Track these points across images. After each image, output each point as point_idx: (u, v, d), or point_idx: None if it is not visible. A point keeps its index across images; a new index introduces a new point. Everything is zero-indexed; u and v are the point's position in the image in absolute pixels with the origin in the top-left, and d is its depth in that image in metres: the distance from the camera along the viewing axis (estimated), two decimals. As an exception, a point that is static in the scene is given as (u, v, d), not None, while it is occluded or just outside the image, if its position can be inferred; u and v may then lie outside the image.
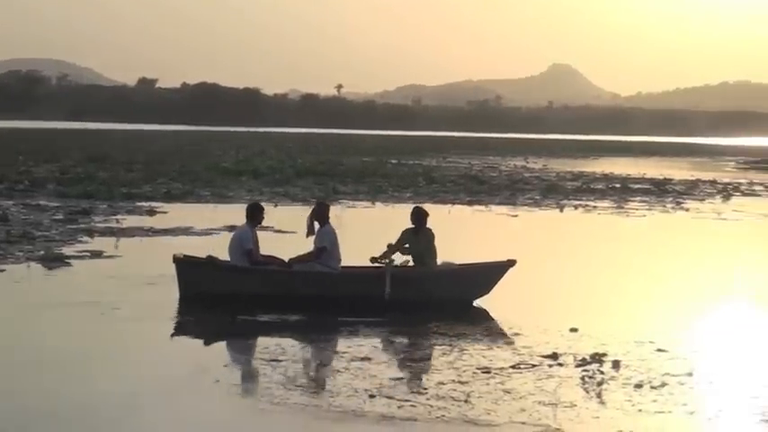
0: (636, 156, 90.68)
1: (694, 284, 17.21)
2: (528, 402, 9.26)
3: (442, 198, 34.55)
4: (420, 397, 9.36)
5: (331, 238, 14.42)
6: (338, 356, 11.04)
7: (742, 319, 14.63)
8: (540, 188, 40.58)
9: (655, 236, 25.69)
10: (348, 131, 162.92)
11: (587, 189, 40.99)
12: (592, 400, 9.39)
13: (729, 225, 28.41)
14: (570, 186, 42.35)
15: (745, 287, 17.44)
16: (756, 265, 20.15)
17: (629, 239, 24.39)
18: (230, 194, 33.67)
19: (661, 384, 9.96)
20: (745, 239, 25.41)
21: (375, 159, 61.77)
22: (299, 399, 9.25)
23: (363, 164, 55.35)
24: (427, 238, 14.80)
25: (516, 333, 12.64)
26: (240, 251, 14.39)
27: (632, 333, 12.70)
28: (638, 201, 35.86)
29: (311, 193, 34.61)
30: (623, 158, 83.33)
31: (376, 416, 8.78)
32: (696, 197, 38.60)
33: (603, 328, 12.94)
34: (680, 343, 12.00)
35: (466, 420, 8.70)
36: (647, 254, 21.55)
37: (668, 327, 13.14)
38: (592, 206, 33.16)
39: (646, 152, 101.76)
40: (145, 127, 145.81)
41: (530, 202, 34.00)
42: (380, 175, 46.07)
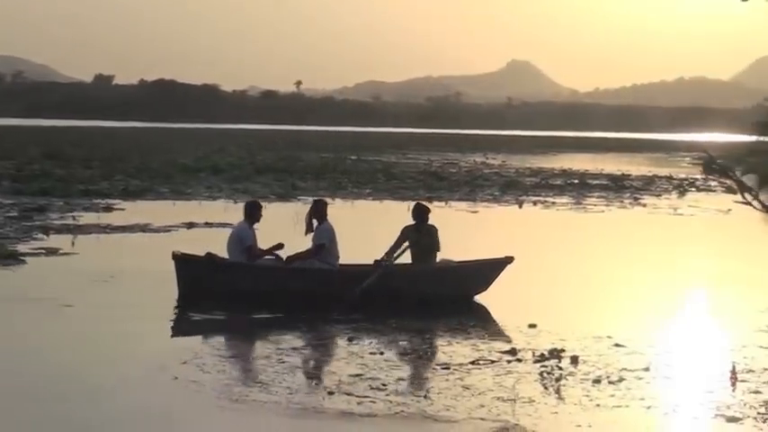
0: (594, 152, 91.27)
1: (652, 280, 17.34)
2: (487, 398, 9.28)
3: (402, 194, 34.57)
4: (379, 393, 9.36)
5: (329, 235, 14.42)
6: (297, 353, 11.02)
7: (698, 314, 14.79)
8: (500, 184, 40.73)
9: (611, 231, 25.88)
10: (307, 128, 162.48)
11: (546, 185, 41.21)
12: (550, 396, 9.43)
13: (685, 220, 28.69)
14: (529, 182, 42.56)
15: (700, 282, 17.62)
16: (711, 260, 20.35)
17: (587, 235, 24.55)
18: (189, 191, 33.48)
19: (618, 379, 10.02)
20: (700, 235, 25.66)
21: (334, 156, 61.68)
22: (258, 396, 9.21)
23: (323, 160, 55.25)
24: (430, 234, 14.81)
25: (475, 329, 12.67)
26: (239, 248, 14.36)
27: (590, 329, 12.78)
28: (596, 196, 36.11)
29: (271, 190, 34.51)
30: (582, 154, 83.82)
31: (335, 412, 8.77)
32: (653, 193, 38.93)
33: (562, 323, 13.01)
34: (637, 338, 12.09)
35: (425, 416, 8.71)
36: (604, 250, 21.70)
37: (626, 322, 13.24)
38: (551, 202, 33.35)
39: (604, 148, 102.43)
40: (102, 124, 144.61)
41: (489, 199, 34.13)
42: (340, 171, 46.02)
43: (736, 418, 8.77)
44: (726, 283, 17.08)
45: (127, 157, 50.21)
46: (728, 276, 17.86)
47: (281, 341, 11.64)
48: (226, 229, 22.87)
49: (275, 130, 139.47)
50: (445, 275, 14.72)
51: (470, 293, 14.76)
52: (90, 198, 29.41)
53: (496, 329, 12.73)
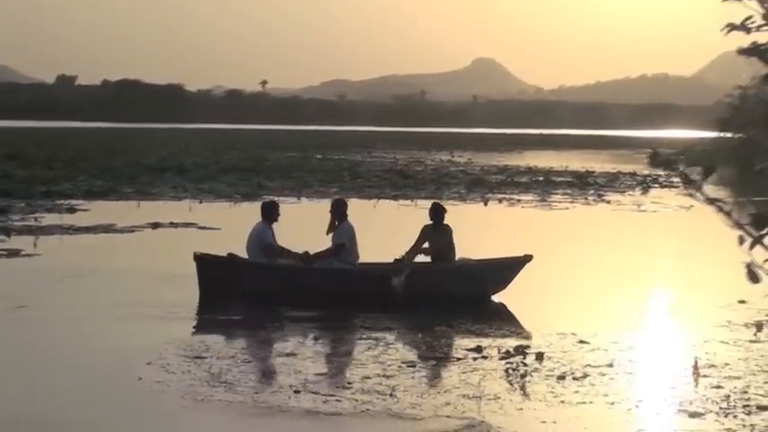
0: (559, 149, 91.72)
1: (615, 276, 17.45)
2: (452, 395, 9.31)
3: (368, 193, 34.58)
4: (345, 391, 9.36)
5: (349, 234, 14.48)
6: (263, 352, 11.00)
7: (660, 310, 14.90)
8: (466, 182, 40.82)
9: (576, 228, 26.02)
10: (273, 127, 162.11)
11: (512, 182, 41.36)
12: (515, 392, 9.47)
13: (648, 217, 28.90)
14: (495, 180, 42.69)
15: (662, 279, 17.76)
16: (673, 256, 20.51)
17: (552, 232, 24.66)
18: (154, 191, 33.30)
19: (583, 375, 10.09)
20: (663, 231, 25.85)
21: (300, 155, 61.58)
22: (223, 395, 9.19)
23: (289, 159, 55.15)
24: (447, 234, 14.89)
25: (441, 327, 12.69)
26: (259, 248, 14.36)
27: (555, 325, 12.84)
28: (561, 193, 36.28)
29: (236, 189, 34.41)
30: (547, 152, 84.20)
31: (301, 411, 8.76)
32: (617, 189, 39.17)
33: (527, 320, 13.08)
34: (601, 335, 12.17)
35: (391, 414, 8.72)
36: (568, 246, 21.81)
37: (590, 319, 13.32)
38: (516, 199, 33.48)
39: (568, 145, 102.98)
40: (65, 124, 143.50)
41: (455, 196, 34.19)
42: (306, 170, 45.95)
43: (698, 413, 8.85)
44: (687, 279, 17.23)
45: (90, 158, 49.88)
46: (690, 272, 18.01)
47: (247, 341, 11.62)
48: (191, 229, 22.90)
49: (241, 130, 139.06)
50: (464, 274, 14.76)
51: (489, 292, 14.83)
52: (52, 199, 29.17)
53: (462, 327, 12.76)
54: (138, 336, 11.95)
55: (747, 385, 9.76)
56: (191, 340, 11.42)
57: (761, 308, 13.83)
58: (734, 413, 8.84)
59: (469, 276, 14.74)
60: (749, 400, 9.25)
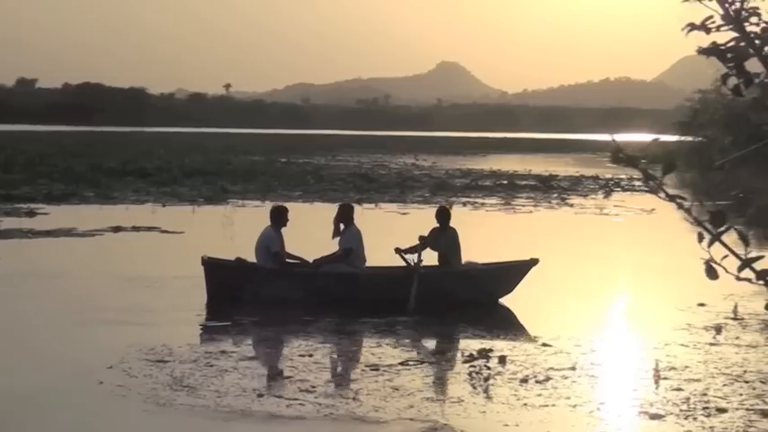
0: (523, 152, 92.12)
1: (577, 279, 17.55)
2: (416, 399, 9.32)
3: (332, 196, 34.52)
4: (308, 395, 9.35)
5: (357, 238, 14.51)
6: (226, 356, 10.95)
7: (621, 313, 15.00)
8: (430, 186, 40.88)
9: (539, 231, 26.13)
10: (237, 131, 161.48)
11: (476, 186, 41.47)
12: (479, 396, 9.51)
13: (610, 220, 29.10)
14: (459, 183, 42.78)
15: (624, 282, 17.88)
16: (634, 259, 20.65)
17: (516, 235, 24.75)
18: (115, 195, 33.07)
19: (545, 379, 10.14)
20: (625, 234, 26.03)
21: (264, 158, 61.40)
22: (185, 399, 9.15)
23: (252, 163, 54.97)
24: (451, 237, 14.91)
25: (405, 330, 12.71)
26: (267, 253, 14.35)
27: (518, 328, 12.92)
28: (524, 197, 36.43)
29: (199, 193, 34.26)
30: (510, 155, 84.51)
31: (264, 415, 8.75)
32: (580, 193, 39.39)
33: (490, 323, 13.12)
34: (563, 338, 12.24)
35: (354, 418, 8.72)
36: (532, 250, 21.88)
37: (552, 322, 13.39)
38: (480, 203, 33.58)
39: (532, 149, 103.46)
40: (25, 128, 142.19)
41: (419, 200, 34.23)
42: (270, 174, 45.82)
43: (658, 416, 8.92)
44: (648, 282, 17.36)
45: (50, 162, 49.42)
46: (651, 275, 18.14)
47: (210, 345, 11.56)
48: (154, 232, 22.77)
49: (204, 133, 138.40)
50: (470, 278, 14.80)
51: (495, 296, 14.88)
52: (12, 203, 28.89)
53: (425, 330, 12.78)
54: (98, 340, 11.86)
55: (707, 388, 9.85)
56: (153, 344, 11.33)
57: (720, 311, 13.97)
58: (693, 415, 8.92)
59: (476, 280, 14.80)
60: (708, 402, 9.33)
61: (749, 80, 2.93)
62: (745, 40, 2.89)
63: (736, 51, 2.90)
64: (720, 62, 2.93)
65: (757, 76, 2.93)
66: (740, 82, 2.94)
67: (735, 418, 8.82)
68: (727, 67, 2.94)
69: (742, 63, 2.90)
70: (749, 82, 2.94)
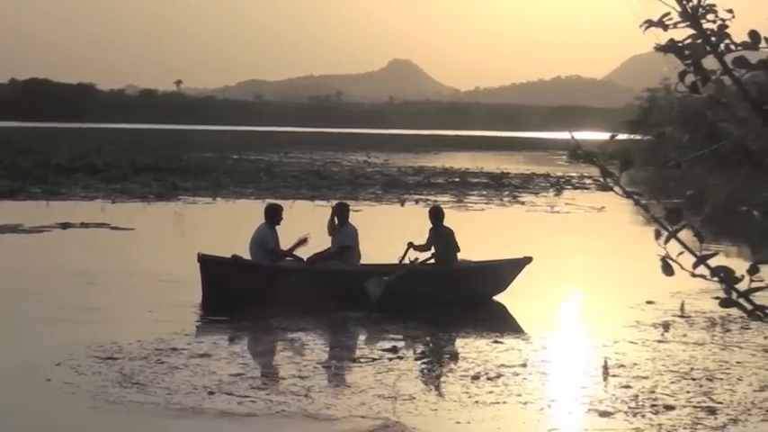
0: (475, 150, 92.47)
1: (528, 277, 17.64)
2: (367, 396, 9.33)
3: (284, 193, 34.43)
4: (260, 392, 9.32)
5: (353, 236, 14.61)
6: (177, 353, 10.86)
7: (573, 310, 15.12)
8: (382, 183, 40.90)
9: (489, 229, 26.25)
10: (188, 127, 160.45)
11: (428, 183, 41.56)
12: (430, 393, 9.53)
13: (561, 218, 29.31)
14: (411, 181, 42.85)
15: (574, 279, 18.02)
16: (584, 257, 20.81)
17: (467, 232, 24.83)
18: (63, 191, 32.71)
19: (496, 376, 10.19)
20: (575, 232, 26.23)
21: (216, 155, 61.03)
22: (135, 397, 9.07)
23: (204, 159, 54.60)
24: (446, 236, 14.97)
25: (357, 327, 12.72)
26: (262, 250, 14.33)
27: (470, 326, 12.96)
28: (476, 195, 36.57)
29: (150, 190, 33.99)
30: (463, 153, 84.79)
31: (215, 412, 8.70)
32: (531, 191, 39.62)
33: (442, 321, 13.15)
34: (514, 335, 12.32)
35: (306, 415, 8.71)
36: (482, 248, 21.98)
37: (503, 319, 13.46)
38: (432, 200, 33.60)
39: (484, 146, 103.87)
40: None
41: (371, 197, 34.24)
42: (221, 170, 45.55)
43: (607, 413, 9.00)
44: (598, 280, 17.51)
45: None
46: (601, 273, 18.30)
47: (161, 342, 11.46)
48: (104, 229, 22.55)
49: (155, 130, 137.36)
50: (465, 276, 14.84)
51: (489, 294, 14.95)
52: (-44, 199, 28.48)
53: (378, 327, 12.79)
54: (45, 337, 11.72)
55: (655, 385, 9.96)
56: (102, 341, 11.22)
57: (668, 308, 14.12)
58: (642, 412, 9.00)
59: (469, 278, 14.84)
60: (656, 399, 9.44)
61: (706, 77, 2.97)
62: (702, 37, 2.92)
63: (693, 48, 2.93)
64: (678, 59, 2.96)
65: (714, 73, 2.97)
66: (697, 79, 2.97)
67: (682, 415, 8.92)
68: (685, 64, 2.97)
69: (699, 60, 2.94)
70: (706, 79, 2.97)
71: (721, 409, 9.13)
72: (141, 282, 15.38)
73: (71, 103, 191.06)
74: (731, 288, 2.87)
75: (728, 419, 8.82)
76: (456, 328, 12.76)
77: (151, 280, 15.54)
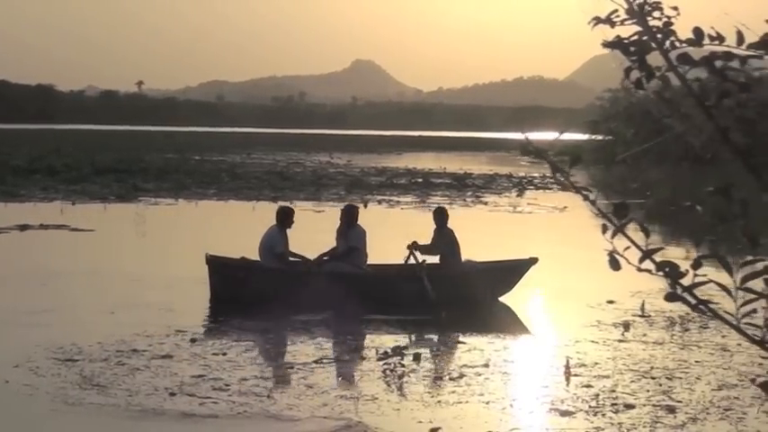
0: (438, 151, 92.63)
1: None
2: (330, 396, 9.32)
3: (247, 194, 34.34)
4: (222, 393, 9.28)
5: (362, 238, 14.75)
6: (138, 355, 10.79)
7: (534, 310, 15.18)
8: (345, 184, 40.88)
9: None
10: (150, 128, 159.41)
11: (391, 184, 41.58)
12: (393, 393, 9.54)
13: (524, 218, 29.43)
14: (374, 182, 42.86)
15: (537, 279, 18.08)
16: (548, 257, 20.88)
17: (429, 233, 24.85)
18: (22, 193, 32.38)
19: (459, 376, 10.21)
20: (537, 232, 26.33)
21: (178, 156, 60.69)
22: (95, 399, 9.01)
23: (166, 161, 54.29)
24: (449, 237, 15.08)
25: (319, 328, 12.69)
26: (270, 253, 14.35)
27: (432, 326, 12.98)
28: (439, 195, 36.63)
29: (111, 191, 33.75)
30: (426, 153, 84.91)
31: (176, 414, 8.65)
32: (494, 191, 39.76)
33: (405, 322, 13.16)
34: (477, 335, 12.35)
35: (268, 416, 8.68)
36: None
37: (466, 320, 13.48)
38: (395, 201, 33.68)
39: (447, 147, 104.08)
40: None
41: (334, 198, 34.20)
42: (183, 171, 45.33)
43: (569, 412, 9.05)
44: (560, 279, 17.57)
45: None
46: (562, 272, 18.37)
47: (122, 343, 11.37)
48: (63, 230, 22.35)
49: (116, 131, 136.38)
50: (470, 278, 14.81)
51: (495, 295, 14.97)
52: None
53: (340, 328, 12.78)
54: (3, 339, 11.60)
55: (615, 384, 10.02)
56: (62, 343, 11.12)
57: (628, 308, 14.22)
58: (602, 411, 9.06)
59: (475, 279, 14.83)
60: (617, 398, 9.50)
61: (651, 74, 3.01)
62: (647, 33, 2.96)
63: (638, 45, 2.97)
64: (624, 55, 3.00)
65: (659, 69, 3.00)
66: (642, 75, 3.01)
67: (642, 414, 8.98)
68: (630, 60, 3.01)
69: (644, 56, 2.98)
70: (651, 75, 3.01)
71: (680, 407, 9.20)
72: (102, 283, 15.27)
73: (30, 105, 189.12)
74: (676, 283, 2.90)
75: (687, 418, 8.89)
76: (418, 329, 12.79)
77: (112, 281, 15.44)
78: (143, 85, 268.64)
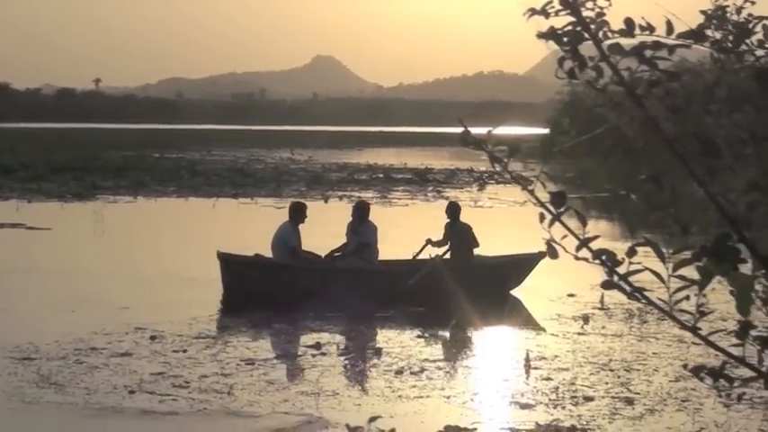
0: (399, 146, 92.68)
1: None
2: (291, 392, 9.30)
3: (207, 191, 34.17)
4: (182, 391, 9.24)
5: (375, 234, 14.82)
6: (96, 353, 10.70)
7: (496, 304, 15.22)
8: (306, 180, 40.79)
9: (412, 225, 26.31)
10: (108, 126, 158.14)
11: (352, 180, 41.56)
12: (354, 388, 9.54)
13: (485, 212, 29.50)
14: (335, 177, 42.80)
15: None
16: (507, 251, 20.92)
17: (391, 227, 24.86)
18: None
19: (420, 370, 10.23)
20: (498, 226, 26.40)
21: (137, 153, 60.25)
22: (53, 397, 8.93)
23: (124, 158, 53.83)
24: (463, 231, 15.12)
25: (280, 324, 12.66)
26: (284, 248, 14.38)
27: (393, 321, 12.99)
28: (401, 190, 36.67)
29: (68, 189, 33.43)
30: (387, 149, 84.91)
31: (136, 411, 8.60)
32: (455, 186, 39.87)
33: (366, 316, 13.17)
34: (438, 329, 12.38)
35: (228, 412, 8.65)
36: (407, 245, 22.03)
37: (426, 314, 13.49)
38: (357, 196, 33.54)
39: (408, 142, 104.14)
40: None
41: (296, 194, 34.05)
42: (142, 169, 44.97)
43: (529, 405, 9.09)
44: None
45: None
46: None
47: (80, 342, 11.26)
48: (19, 229, 22.12)
49: (73, 129, 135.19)
50: (482, 271, 14.90)
51: (506, 288, 15.03)
52: None
53: (301, 324, 12.75)
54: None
55: (575, 377, 10.09)
56: (18, 342, 10.99)
57: (588, 301, 14.31)
58: (562, 404, 9.11)
59: (487, 273, 14.91)
60: (576, 391, 9.56)
61: (583, 63, 3.04)
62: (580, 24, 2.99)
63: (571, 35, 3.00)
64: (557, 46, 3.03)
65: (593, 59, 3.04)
66: (575, 65, 3.05)
67: (601, 406, 9.05)
68: (564, 50, 3.04)
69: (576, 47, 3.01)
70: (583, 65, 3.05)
71: (638, 399, 9.28)
72: (59, 281, 15.13)
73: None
74: (612, 271, 2.93)
75: (645, 409, 8.97)
76: (380, 324, 12.81)
77: (70, 279, 15.31)
78: (101, 83, 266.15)
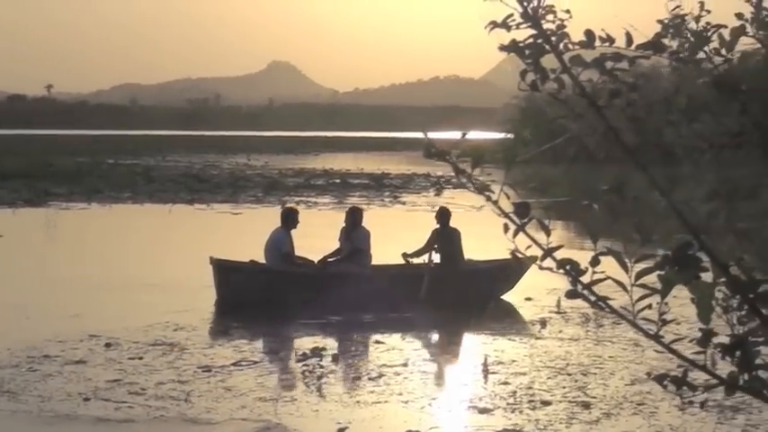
0: (355, 151, 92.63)
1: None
2: (248, 399, 9.26)
3: (162, 197, 33.94)
4: (138, 398, 9.16)
5: (368, 240, 14.77)
6: (50, 360, 10.58)
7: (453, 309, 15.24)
8: (263, 185, 40.63)
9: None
10: (60, 132, 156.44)
11: (309, 185, 41.46)
12: (312, 394, 9.51)
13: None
14: (292, 183, 42.68)
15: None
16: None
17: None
18: None
19: (378, 376, 10.22)
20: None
21: (90, 160, 59.65)
22: (6, 405, 8.84)
23: (77, 164, 53.27)
24: (453, 237, 15.06)
25: (238, 330, 12.61)
26: (277, 254, 14.32)
27: (350, 327, 12.97)
28: (358, 195, 36.63)
29: (19, 196, 32.99)
30: (343, 154, 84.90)
31: (91, 419, 8.52)
32: (412, 191, 39.90)
33: (324, 322, 13.13)
34: (396, 335, 12.38)
35: (185, 420, 8.59)
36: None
37: (384, 319, 13.48)
38: (313, 202, 33.59)
39: (364, 147, 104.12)
40: None
41: (252, 200, 34.00)
42: (96, 175, 44.59)
43: (487, 409, 9.11)
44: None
45: None
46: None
47: (33, 350, 11.12)
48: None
49: (24, 135, 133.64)
50: (472, 276, 14.87)
51: (497, 293, 14.99)
52: None
53: (259, 330, 12.70)
54: None
55: (532, 381, 10.12)
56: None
57: (545, 305, 14.37)
58: (520, 408, 9.14)
59: (478, 278, 14.88)
60: (534, 395, 9.59)
61: (545, 75, 3.07)
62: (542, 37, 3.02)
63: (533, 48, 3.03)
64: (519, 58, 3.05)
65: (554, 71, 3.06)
66: (537, 78, 3.07)
67: (558, 410, 9.09)
68: (526, 63, 3.07)
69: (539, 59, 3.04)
70: (545, 78, 3.07)
71: (595, 403, 9.33)
72: (10, 288, 14.94)
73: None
74: (576, 280, 2.95)
75: (602, 413, 9.02)
76: (337, 330, 12.78)
77: (22, 286, 15.12)
78: (53, 89, 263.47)
